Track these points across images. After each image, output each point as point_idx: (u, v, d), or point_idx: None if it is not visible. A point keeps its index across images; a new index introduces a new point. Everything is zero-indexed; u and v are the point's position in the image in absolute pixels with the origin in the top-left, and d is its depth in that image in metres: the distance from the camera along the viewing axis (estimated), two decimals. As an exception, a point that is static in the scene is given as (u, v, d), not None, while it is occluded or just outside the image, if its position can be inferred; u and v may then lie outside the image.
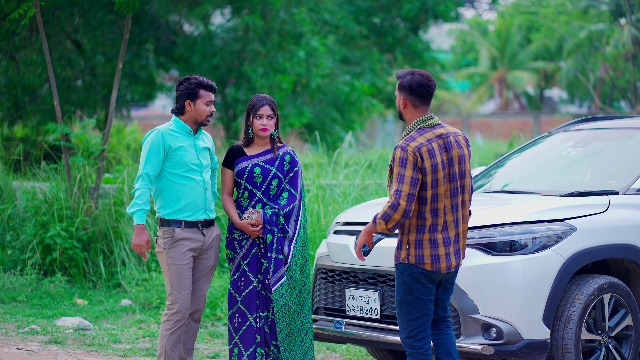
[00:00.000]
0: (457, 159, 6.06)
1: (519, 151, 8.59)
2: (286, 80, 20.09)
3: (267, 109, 6.93)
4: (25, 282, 10.78)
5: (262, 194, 6.93)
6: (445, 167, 6.01)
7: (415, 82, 6.05)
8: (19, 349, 8.42)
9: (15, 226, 11.67)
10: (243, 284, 6.91)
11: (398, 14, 26.11)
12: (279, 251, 6.89)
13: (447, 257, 6.03)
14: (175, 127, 6.84)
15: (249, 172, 6.91)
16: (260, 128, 6.93)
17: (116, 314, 10.14)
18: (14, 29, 17.32)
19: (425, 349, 6.07)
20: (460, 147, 6.09)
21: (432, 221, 5.99)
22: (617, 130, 8.09)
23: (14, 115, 19.57)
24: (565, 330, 6.66)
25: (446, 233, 6.04)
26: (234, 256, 6.95)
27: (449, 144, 6.05)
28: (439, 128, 6.07)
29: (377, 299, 7.02)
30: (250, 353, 6.85)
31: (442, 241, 6.02)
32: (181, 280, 6.76)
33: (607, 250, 6.87)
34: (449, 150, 6.04)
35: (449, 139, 6.06)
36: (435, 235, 6.00)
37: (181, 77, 7.29)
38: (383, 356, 8.11)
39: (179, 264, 6.77)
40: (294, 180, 7.02)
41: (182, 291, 6.77)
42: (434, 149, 5.98)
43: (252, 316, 6.87)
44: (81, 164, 11.43)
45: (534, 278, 6.59)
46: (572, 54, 30.88)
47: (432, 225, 5.98)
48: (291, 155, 7.02)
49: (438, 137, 6.03)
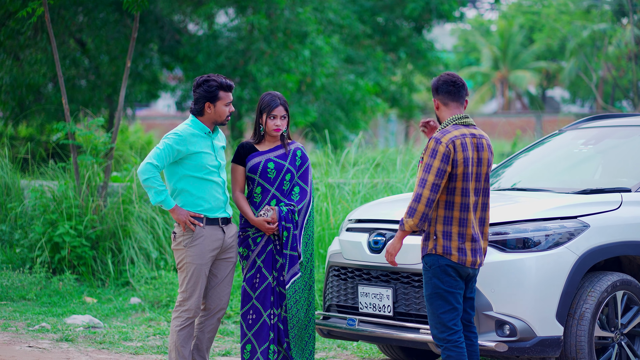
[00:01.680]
0: (485, 161, 6.21)
1: (529, 149, 8.60)
2: (291, 80, 20.10)
3: (281, 110, 6.95)
4: (34, 280, 10.79)
5: (276, 189, 6.95)
6: (474, 165, 6.13)
7: (440, 80, 6.28)
8: (30, 347, 8.43)
9: (24, 224, 11.68)
10: (258, 281, 6.92)
11: (402, 14, 26.12)
12: (294, 248, 6.91)
13: (473, 252, 6.12)
14: (195, 129, 6.80)
15: (263, 167, 6.93)
16: (274, 128, 6.95)
17: (126, 312, 10.15)
18: (18, 28, 17.33)
19: (460, 342, 6.12)
20: (489, 150, 6.25)
21: (461, 215, 6.09)
22: (629, 128, 8.10)
23: (18, 115, 19.56)
24: (579, 327, 6.67)
25: (474, 230, 6.14)
26: (249, 254, 6.96)
27: (480, 144, 6.20)
28: (472, 128, 6.23)
29: (390, 296, 7.03)
30: (264, 350, 6.86)
31: (470, 237, 6.11)
32: (197, 279, 6.75)
33: (620, 247, 6.88)
34: (480, 150, 6.19)
35: (481, 140, 6.21)
36: (464, 229, 6.10)
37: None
38: (395, 354, 8.12)
39: (197, 263, 6.74)
40: (305, 175, 7.05)
41: (196, 290, 6.76)
42: (466, 144, 6.12)
43: (267, 313, 6.89)
44: (89, 163, 11.44)
45: (547, 275, 6.60)
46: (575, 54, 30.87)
47: (461, 220, 6.09)
48: (302, 151, 7.06)
49: (472, 136, 6.18)
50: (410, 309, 6.94)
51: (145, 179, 6.63)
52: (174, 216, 6.72)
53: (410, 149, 15.81)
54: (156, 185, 6.63)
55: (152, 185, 6.63)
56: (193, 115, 6.84)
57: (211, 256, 6.79)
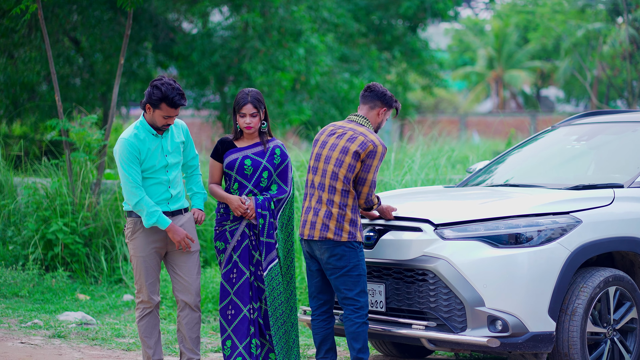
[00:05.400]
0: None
1: (522, 145, 8.59)
2: (286, 78, 20.09)
3: (249, 108, 6.92)
4: (27, 277, 10.77)
5: (253, 185, 6.96)
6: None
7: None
8: (22, 343, 8.42)
9: (17, 222, 11.66)
10: (235, 276, 6.93)
11: (397, 12, 26.13)
12: (270, 235, 6.93)
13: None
14: (142, 130, 6.79)
15: (240, 163, 6.93)
16: (245, 126, 6.96)
17: (118, 309, 10.14)
18: (12, 26, 17.30)
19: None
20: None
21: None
22: (621, 124, 8.11)
23: (12, 113, 19.53)
24: (571, 322, 6.67)
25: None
26: (225, 247, 6.97)
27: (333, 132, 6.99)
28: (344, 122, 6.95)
29: (382, 292, 7.02)
30: (246, 345, 6.87)
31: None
32: (143, 270, 6.85)
33: (612, 243, 6.89)
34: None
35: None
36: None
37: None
38: (387, 349, 8.12)
39: (140, 255, 6.85)
40: (284, 173, 7.05)
41: (144, 281, 6.86)
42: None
43: (246, 308, 6.90)
44: (83, 160, 11.43)
45: (540, 271, 6.60)
46: (569, 53, 30.88)
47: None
48: (281, 149, 7.06)
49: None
50: (402, 304, 6.94)
51: (134, 204, 6.73)
52: (170, 235, 6.78)
53: (404, 147, 15.81)
54: (147, 208, 6.71)
55: (142, 208, 6.73)
56: (143, 112, 6.83)
57: (154, 247, 6.85)
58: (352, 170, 6.68)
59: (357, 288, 6.70)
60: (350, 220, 6.69)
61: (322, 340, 6.91)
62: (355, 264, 6.69)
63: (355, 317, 6.69)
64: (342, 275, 6.70)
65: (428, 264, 6.73)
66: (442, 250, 6.72)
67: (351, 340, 6.71)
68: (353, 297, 6.68)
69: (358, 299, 6.69)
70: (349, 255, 6.67)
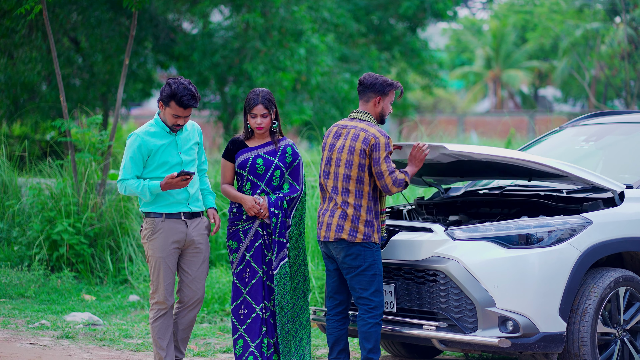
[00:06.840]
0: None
1: (529, 147, 8.60)
2: (286, 78, 20.09)
3: (260, 109, 6.95)
4: (32, 278, 10.77)
5: (265, 184, 6.98)
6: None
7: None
8: (31, 344, 8.42)
9: (22, 222, 11.66)
10: (248, 276, 6.95)
11: (396, 12, 26.15)
12: (282, 234, 6.94)
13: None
14: (156, 126, 6.84)
15: (252, 163, 6.95)
16: (256, 127, 6.98)
17: (125, 310, 10.14)
18: (13, 26, 17.28)
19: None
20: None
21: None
22: (629, 125, 8.12)
23: (13, 114, 19.51)
24: (582, 323, 6.69)
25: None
26: (238, 246, 6.98)
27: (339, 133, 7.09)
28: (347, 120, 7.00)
29: (392, 293, 7.04)
30: (257, 344, 6.88)
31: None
32: (161, 271, 6.83)
33: (622, 243, 6.90)
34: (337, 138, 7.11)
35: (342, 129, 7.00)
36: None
37: (181, 75, 7.30)
38: (396, 350, 8.14)
39: (159, 256, 6.83)
40: (296, 172, 7.07)
41: (161, 281, 6.84)
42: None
43: (259, 307, 6.91)
44: (87, 160, 11.43)
45: (550, 271, 6.61)
46: (567, 53, 30.92)
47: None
48: (292, 148, 7.08)
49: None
50: (412, 305, 6.95)
51: (123, 191, 6.82)
52: (167, 187, 6.72)
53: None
54: (134, 188, 6.76)
55: (132, 191, 6.79)
56: (159, 110, 6.87)
57: (174, 248, 6.86)
58: (362, 168, 6.70)
59: (372, 287, 6.71)
60: (365, 222, 6.70)
61: (335, 341, 6.92)
62: (370, 263, 6.70)
63: (368, 317, 6.71)
64: (358, 274, 6.71)
65: (439, 265, 6.75)
66: (453, 251, 6.74)
67: (363, 340, 6.72)
68: (367, 297, 6.70)
69: (372, 298, 6.71)
70: (364, 255, 6.69)
